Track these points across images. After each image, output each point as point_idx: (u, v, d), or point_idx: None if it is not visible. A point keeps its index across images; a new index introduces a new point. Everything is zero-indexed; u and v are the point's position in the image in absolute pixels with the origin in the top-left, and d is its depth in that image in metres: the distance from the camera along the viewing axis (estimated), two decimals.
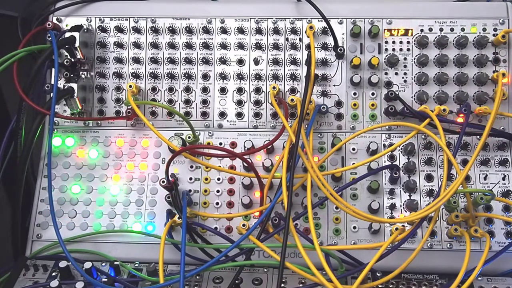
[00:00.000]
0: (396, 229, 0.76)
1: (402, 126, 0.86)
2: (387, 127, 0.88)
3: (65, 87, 0.86)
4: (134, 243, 0.85)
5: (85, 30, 0.89)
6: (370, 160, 0.83)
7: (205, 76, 0.90)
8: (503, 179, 0.85)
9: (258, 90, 0.90)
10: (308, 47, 0.87)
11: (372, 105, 0.88)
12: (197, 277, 0.80)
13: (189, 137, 0.86)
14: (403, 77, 0.88)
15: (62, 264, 0.78)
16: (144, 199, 0.87)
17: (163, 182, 0.80)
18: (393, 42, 0.89)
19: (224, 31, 0.90)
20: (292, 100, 0.85)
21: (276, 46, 0.89)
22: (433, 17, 0.88)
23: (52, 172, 0.88)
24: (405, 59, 0.88)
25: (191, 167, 0.88)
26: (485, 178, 0.85)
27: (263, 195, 0.81)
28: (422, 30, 0.88)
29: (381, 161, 0.86)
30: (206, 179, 0.87)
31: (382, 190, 0.85)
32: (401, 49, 0.89)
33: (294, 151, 0.77)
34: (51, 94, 0.83)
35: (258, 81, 0.90)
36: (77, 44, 0.85)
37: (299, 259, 0.74)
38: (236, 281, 0.77)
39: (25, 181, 0.86)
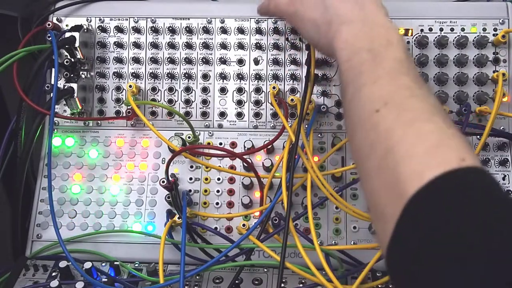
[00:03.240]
0: None
1: None
2: None
3: (65, 87, 0.86)
4: (134, 243, 0.85)
5: (85, 30, 0.89)
6: None
7: (205, 76, 0.90)
8: (503, 179, 0.85)
9: (258, 90, 0.90)
10: (308, 47, 0.86)
11: None
12: (197, 277, 0.80)
13: (189, 137, 0.86)
14: None
15: (62, 264, 0.78)
16: (144, 199, 0.87)
17: (163, 182, 0.80)
18: None
19: (224, 31, 0.90)
20: (292, 100, 0.85)
21: (276, 46, 0.89)
22: (433, 17, 0.88)
23: (52, 172, 0.88)
24: None
25: (191, 167, 0.88)
26: None
27: (263, 195, 0.81)
28: (422, 30, 0.88)
29: None
30: (206, 179, 0.87)
31: None
32: None
33: (294, 151, 0.77)
34: (51, 94, 0.83)
35: (258, 81, 0.90)
36: (77, 44, 0.85)
37: (299, 259, 0.74)
38: (236, 281, 0.77)
39: (25, 181, 0.86)
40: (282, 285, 0.78)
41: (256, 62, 0.90)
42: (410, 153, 0.49)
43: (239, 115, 0.90)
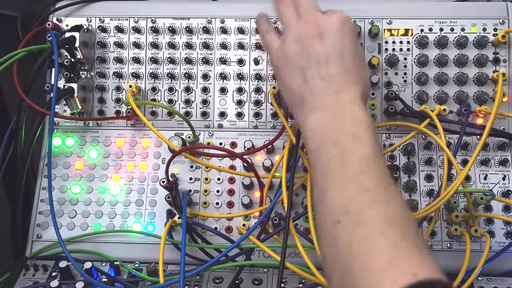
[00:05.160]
0: None
1: (402, 126, 0.86)
2: (387, 127, 0.87)
3: (65, 87, 0.86)
4: (134, 243, 0.85)
5: (85, 30, 0.89)
6: None
7: (205, 76, 0.90)
8: (503, 179, 0.85)
9: (258, 90, 0.90)
10: None
11: (372, 105, 0.88)
12: (197, 277, 0.80)
13: (189, 137, 0.86)
14: (403, 77, 0.88)
15: (62, 264, 0.78)
16: (144, 199, 0.87)
17: (163, 182, 0.80)
18: (393, 42, 0.89)
19: (224, 31, 0.90)
20: None
21: None
22: (433, 17, 0.88)
23: (52, 172, 0.88)
24: (405, 59, 0.88)
25: (191, 167, 0.88)
26: (485, 178, 0.85)
27: (263, 195, 0.81)
28: (422, 30, 0.88)
29: None
30: (206, 179, 0.87)
31: None
32: (401, 49, 0.89)
33: (294, 151, 0.77)
34: (51, 94, 0.83)
35: (258, 81, 0.90)
36: (77, 44, 0.85)
37: (299, 259, 0.74)
38: (236, 281, 0.77)
39: (25, 181, 0.86)
40: (282, 285, 0.78)
41: (256, 62, 0.90)
42: (364, 274, 0.50)
43: (239, 115, 0.90)
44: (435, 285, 0.48)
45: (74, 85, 0.86)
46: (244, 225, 0.80)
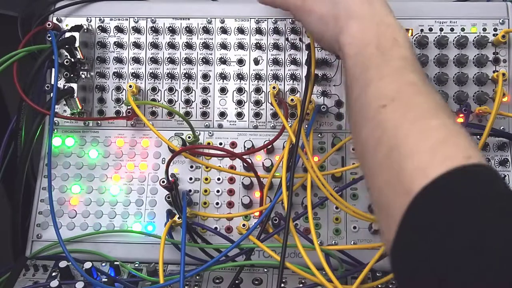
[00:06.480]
0: None
1: None
2: None
3: (65, 87, 0.86)
4: (134, 243, 0.85)
5: (85, 30, 0.89)
6: None
7: (205, 76, 0.90)
8: (503, 179, 0.85)
9: (258, 90, 0.90)
10: (308, 47, 0.86)
11: None
12: (197, 277, 0.80)
13: (189, 137, 0.86)
14: None
15: (62, 264, 0.78)
16: (144, 199, 0.87)
17: (163, 182, 0.80)
18: None
19: (224, 31, 0.90)
20: (292, 100, 0.85)
21: (276, 46, 0.89)
22: (433, 17, 0.88)
23: (52, 172, 0.88)
24: None
25: (191, 167, 0.88)
26: None
27: (263, 195, 0.81)
28: (422, 30, 0.88)
29: None
30: (206, 179, 0.87)
31: None
32: None
33: (294, 151, 0.77)
34: (51, 94, 0.83)
35: (258, 81, 0.90)
36: (77, 44, 0.85)
37: (299, 259, 0.74)
38: (236, 281, 0.77)
39: (25, 181, 0.86)
40: (282, 285, 0.78)
41: (256, 62, 0.90)
42: (415, 150, 0.49)
43: (239, 115, 0.90)
44: (486, 170, 0.47)
45: (74, 85, 0.86)
46: (244, 225, 0.80)
